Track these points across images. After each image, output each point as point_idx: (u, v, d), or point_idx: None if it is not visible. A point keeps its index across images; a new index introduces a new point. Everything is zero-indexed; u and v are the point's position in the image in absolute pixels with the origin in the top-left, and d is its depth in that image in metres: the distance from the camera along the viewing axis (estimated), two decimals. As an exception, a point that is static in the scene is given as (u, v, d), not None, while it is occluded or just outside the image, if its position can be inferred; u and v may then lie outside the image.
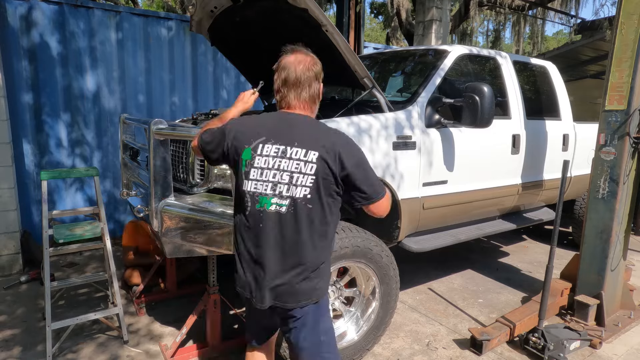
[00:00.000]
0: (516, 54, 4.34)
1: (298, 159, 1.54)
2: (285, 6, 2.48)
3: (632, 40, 3.02)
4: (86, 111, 4.78)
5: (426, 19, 7.19)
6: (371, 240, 2.71)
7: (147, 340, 3.01)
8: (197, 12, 3.09)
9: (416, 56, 3.89)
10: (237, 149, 1.61)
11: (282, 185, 1.55)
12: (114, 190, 5.05)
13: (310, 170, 1.53)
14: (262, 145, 1.57)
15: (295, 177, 1.54)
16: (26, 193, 4.52)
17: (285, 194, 1.55)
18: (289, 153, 1.55)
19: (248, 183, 1.58)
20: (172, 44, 5.22)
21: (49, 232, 2.79)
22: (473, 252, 5.04)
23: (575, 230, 5.07)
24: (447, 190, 3.26)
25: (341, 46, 2.57)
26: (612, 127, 3.16)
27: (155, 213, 2.39)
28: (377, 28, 26.73)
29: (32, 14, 4.38)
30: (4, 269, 4.10)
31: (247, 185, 1.58)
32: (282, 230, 1.56)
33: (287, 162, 1.55)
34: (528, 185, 3.96)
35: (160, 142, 2.39)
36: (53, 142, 4.64)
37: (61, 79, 4.60)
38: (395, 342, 3.06)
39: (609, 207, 3.21)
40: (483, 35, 17.10)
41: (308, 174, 1.53)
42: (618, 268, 3.33)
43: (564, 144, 4.27)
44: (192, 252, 2.43)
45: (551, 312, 3.40)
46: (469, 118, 2.92)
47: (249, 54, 3.57)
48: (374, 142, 2.75)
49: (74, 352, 2.84)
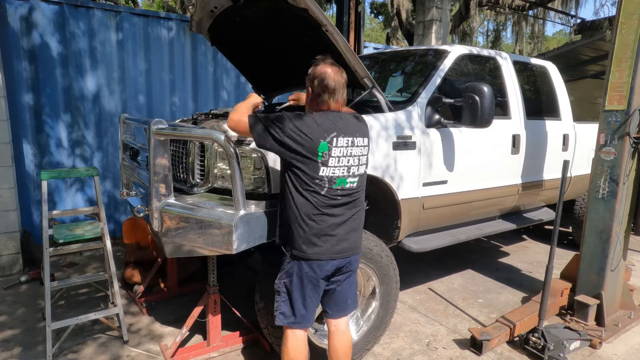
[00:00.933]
0: (516, 54, 4.35)
1: (361, 146, 2.07)
2: (285, 6, 2.48)
3: (632, 40, 3.02)
4: (86, 112, 4.78)
5: (426, 19, 7.19)
6: (371, 240, 2.71)
7: (148, 340, 3.01)
8: (197, 12, 3.09)
9: (416, 56, 3.89)
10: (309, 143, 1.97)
11: (354, 167, 2.05)
12: (114, 191, 5.05)
13: (365, 151, 2.11)
14: (336, 138, 1.98)
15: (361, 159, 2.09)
16: (26, 193, 4.52)
17: (357, 173, 2.07)
18: (356, 142, 2.04)
19: (326, 169, 1.97)
20: (172, 44, 5.22)
21: (49, 232, 2.79)
22: (473, 252, 5.04)
23: (575, 230, 5.07)
24: (447, 190, 3.26)
25: (341, 46, 2.57)
26: (612, 127, 3.16)
27: (156, 213, 2.39)
28: (377, 28, 26.72)
29: (32, 14, 4.38)
30: (4, 269, 4.10)
31: (325, 171, 1.97)
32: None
33: (355, 149, 2.05)
34: (528, 185, 3.96)
35: (160, 142, 2.39)
36: (53, 143, 4.64)
37: (61, 79, 4.60)
38: (395, 342, 3.06)
39: (609, 207, 3.21)
40: (483, 35, 17.09)
41: (365, 154, 2.12)
42: (618, 268, 3.33)
43: (564, 144, 4.27)
44: (192, 252, 2.43)
45: (551, 312, 3.40)
46: (469, 118, 2.92)
47: (249, 54, 3.57)
48: (374, 142, 2.75)
49: (74, 352, 2.84)
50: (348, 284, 2.21)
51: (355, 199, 2.10)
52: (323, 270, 2.07)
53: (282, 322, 2.13)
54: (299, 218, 2.01)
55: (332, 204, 2.02)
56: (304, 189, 1.99)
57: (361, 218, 2.18)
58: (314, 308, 2.16)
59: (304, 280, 2.07)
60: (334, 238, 2.04)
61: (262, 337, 2.82)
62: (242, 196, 2.23)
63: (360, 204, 2.16)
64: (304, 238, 2.02)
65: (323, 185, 1.99)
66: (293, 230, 2.04)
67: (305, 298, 2.10)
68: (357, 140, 2.06)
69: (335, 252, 2.05)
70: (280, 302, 2.14)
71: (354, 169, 2.06)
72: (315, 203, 1.99)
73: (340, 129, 2.01)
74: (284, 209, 2.10)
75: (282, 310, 2.13)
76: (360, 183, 2.11)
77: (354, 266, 2.20)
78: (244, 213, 2.23)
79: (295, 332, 2.14)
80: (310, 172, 1.97)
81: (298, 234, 2.03)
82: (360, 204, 2.16)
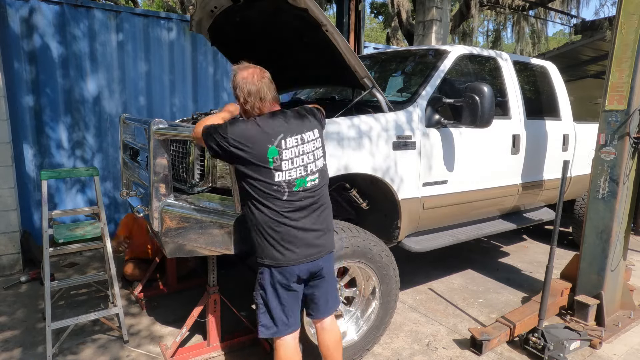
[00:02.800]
0: (516, 54, 4.34)
1: (312, 140, 1.98)
2: (285, 6, 2.48)
3: (632, 40, 3.02)
4: (86, 112, 4.77)
5: (426, 19, 7.19)
6: (371, 240, 2.71)
7: (148, 341, 3.01)
8: (197, 12, 3.09)
9: (416, 56, 3.89)
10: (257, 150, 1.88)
11: (310, 164, 1.96)
12: (115, 193, 5.05)
13: (319, 143, 2.02)
14: (284, 140, 1.90)
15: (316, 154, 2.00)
16: (26, 193, 4.51)
17: (316, 169, 1.99)
18: (305, 138, 1.96)
19: (282, 174, 1.89)
20: (173, 45, 5.21)
21: (49, 232, 2.79)
22: (473, 252, 5.04)
23: (575, 230, 5.06)
24: (447, 190, 3.26)
25: (341, 46, 2.57)
26: (612, 127, 3.16)
27: (156, 213, 2.39)
28: (377, 28, 26.72)
29: (32, 15, 4.38)
30: (4, 269, 4.10)
31: (281, 176, 1.89)
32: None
33: (306, 145, 1.96)
34: (528, 185, 3.96)
35: (160, 142, 2.39)
36: (53, 144, 4.64)
37: (61, 80, 4.59)
38: (395, 342, 3.06)
39: (609, 207, 3.21)
40: (483, 35, 17.09)
41: (319, 146, 2.02)
42: (618, 268, 3.33)
43: (564, 144, 4.27)
44: (192, 252, 2.43)
45: (551, 312, 3.40)
46: (469, 118, 2.92)
47: (249, 54, 3.56)
48: (374, 143, 2.75)
49: (74, 352, 2.84)
50: (326, 287, 2.15)
51: (319, 196, 2.02)
52: (294, 276, 2.00)
53: (265, 334, 2.08)
54: (264, 226, 1.94)
55: (295, 208, 1.94)
56: (263, 197, 1.91)
57: (329, 217, 2.09)
58: (297, 313, 2.12)
59: (277, 289, 2.01)
60: (302, 242, 1.97)
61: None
62: (242, 196, 2.22)
63: (326, 202, 2.08)
64: (271, 246, 1.95)
65: (282, 190, 1.91)
66: (259, 239, 1.98)
67: (283, 305, 2.05)
68: (306, 136, 1.97)
69: (305, 255, 1.98)
70: (260, 314, 2.08)
71: (311, 166, 1.97)
72: (278, 209, 1.91)
73: (286, 129, 1.92)
74: (249, 219, 2.03)
75: (262, 323, 2.08)
76: (321, 178, 2.03)
77: (330, 268, 2.14)
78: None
79: (284, 340, 2.09)
80: (265, 179, 1.89)
81: (265, 243, 1.97)
82: (325, 202, 2.07)
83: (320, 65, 3.10)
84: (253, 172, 1.88)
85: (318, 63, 3.11)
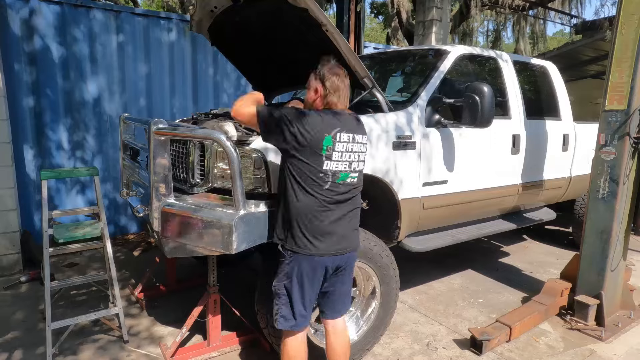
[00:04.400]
0: (516, 54, 4.34)
1: (361, 143, 2.13)
2: (285, 6, 2.48)
3: (632, 40, 3.02)
4: (86, 113, 4.77)
5: (426, 19, 7.19)
6: (371, 240, 2.71)
7: (148, 341, 3.00)
8: (197, 12, 3.09)
9: (416, 56, 3.89)
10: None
11: (355, 163, 2.10)
12: (115, 193, 5.05)
13: (365, 148, 2.17)
14: (339, 133, 2.03)
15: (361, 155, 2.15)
16: (26, 193, 4.52)
17: (357, 169, 2.12)
18: (356, 139, 2.10)
19: (330, 163, 2.01)
20: (173, 45, 5.22)
21: (49, 232, 2.79)
22: (473, 252, 5.03)
23: (575, 230, 5.06)
24: (447, 190, 3.26)
25: (341, 46, 2.57)
26: (612, 127, 3.16)
27: (156, 213, 2.39)
28: (377, 28, 26.71)
29: (32, 15, 4.38)
30: (4, 269, 4.10)
31: (329, 165, 2.01)
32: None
33: (356, 145, 2.10)
34: (528, 185, 3.96)
35: (161, 142, 2.39)
36: (53, 144, 4.64)
37: (61, 80, 4.60)
38: (395, 342, 3.06)
39: (609, 207, 3.21)
40: (483, 35, 17.08)
41: (364, 152, 2.17)
42: (618, 268, 3.33)
43: (564, 144, 4.27)
44: (192, 252, 2.43)
45: (551, 312, 3.40)
46: (469, 118, 2.92)
47: (249, 54, 3.57)
48: (374, 143, 2.75)
49: (74, 352, 2.84)
50: (347, 283, 2.24)
51: (354, 195, 2.14)
52: (322, 268, 2.07)
53: (283, 325, 2.12)
54: (302, 214, 2.02)
55: (334, 200, 2.05)
56: (307, 184, 2.00)
57: (358, 216, 2.21)
58: (311, 309, 2.17)
59: (304, 280, 2.07)
60: (335, 235, 2.06)
61: (262, 337, 2.82)
62: (242, 196, 2.23)
63: (358, 202, 2.20)
64: (307, 234, 2.02)
65: (327, 179, 2.02)
66: (295, 226, 2.04)
67: (304, 298, 2.09)
68: (358, 137, 2.11)
69: (336, 248, 2.07)
70: (281, 305, 2.12)
71: (355, 165, 2.10)
72: (318, 198, 2.01)
73: (343, 125, 2.06)
74: (285, 207, 2.08)
75: (282, 314, 2.11)
76: (359, 179, 2.15)
77: (352, 266, 2.23)
78: (244, 213, 2.23)
79: (296, 335, 2.14)
80: (315, 165, 1.99)
81: (300, 231, 2.03)
82: (357, 202, 2.19)
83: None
84: (305, 157, 1.99)
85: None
